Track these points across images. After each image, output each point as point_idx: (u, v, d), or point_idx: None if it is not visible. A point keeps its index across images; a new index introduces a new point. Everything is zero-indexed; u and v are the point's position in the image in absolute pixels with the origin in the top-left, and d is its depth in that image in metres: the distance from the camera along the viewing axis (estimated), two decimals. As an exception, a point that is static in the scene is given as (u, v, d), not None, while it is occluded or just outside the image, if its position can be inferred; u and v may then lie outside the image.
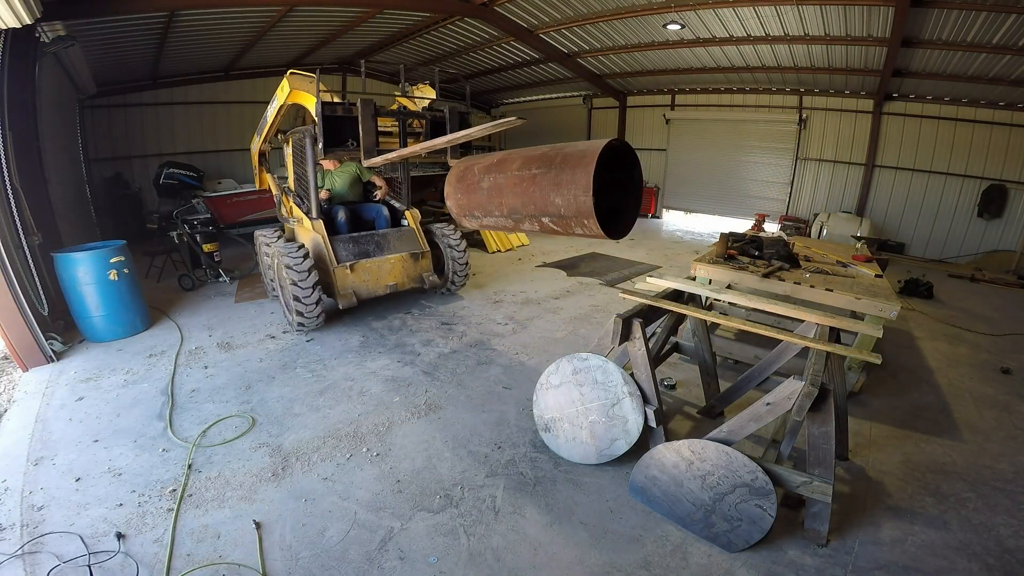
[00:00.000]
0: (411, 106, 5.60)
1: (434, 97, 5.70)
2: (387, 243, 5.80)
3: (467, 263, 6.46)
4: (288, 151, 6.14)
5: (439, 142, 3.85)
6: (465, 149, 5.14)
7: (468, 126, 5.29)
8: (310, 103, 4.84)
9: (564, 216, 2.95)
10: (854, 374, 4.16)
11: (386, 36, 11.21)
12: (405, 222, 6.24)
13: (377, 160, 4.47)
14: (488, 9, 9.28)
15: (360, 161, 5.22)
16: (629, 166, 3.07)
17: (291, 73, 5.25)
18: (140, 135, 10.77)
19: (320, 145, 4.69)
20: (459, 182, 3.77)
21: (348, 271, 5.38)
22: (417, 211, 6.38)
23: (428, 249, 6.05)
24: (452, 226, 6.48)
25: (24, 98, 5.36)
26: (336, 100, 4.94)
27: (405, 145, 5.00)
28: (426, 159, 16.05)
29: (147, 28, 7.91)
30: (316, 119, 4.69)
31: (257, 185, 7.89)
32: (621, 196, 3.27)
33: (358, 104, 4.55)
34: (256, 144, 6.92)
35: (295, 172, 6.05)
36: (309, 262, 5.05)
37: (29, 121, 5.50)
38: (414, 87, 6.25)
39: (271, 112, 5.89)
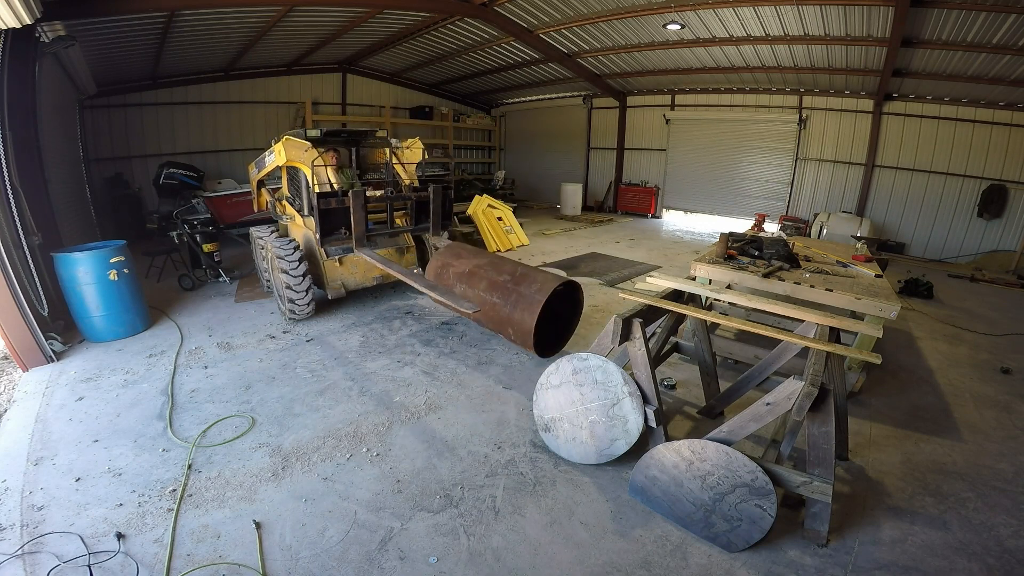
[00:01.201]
0: (400, 171, 6.16)
1: (422, 159, 6.36)
2: (378, 239, 5.99)
3: None
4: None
5: (404, 277, 4.84)
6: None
7: (451, 203, 6.29)
8: (306, 171, 5.41)
9: (513, 338, 4.17)
10: (854, 374, 4.16)
11: (386, 36, 11.22)
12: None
13: (364, 256, 5.26)
14: (488, 9, 9.28)
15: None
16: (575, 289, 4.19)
17: (287, 139, 5.56)
18: (140, 135, 10.76)
19: (317, 236, 5.36)
20: (436, 277, 4.66)
21: (337, 264, 5.67)
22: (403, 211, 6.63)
23: (412, 244, 6.27)
24: None
25: (24, 98, 5.35)
26: (331, 186, 5.50)
27: (392, 220, 6.00)
28: (431, 160, 16.05)
29: (147, 28, 7.91)
30: (310, 180, 5.34)
31: (255, 208, 8.13)
32: (569, 308, 4.49)
33: (350, 195, 5.17)
34: (255, 176, 7.23)
35: (288, 173, 6.21)
36: (299, 254, 5.34)
37: (29, 121, 5.50)
38: (404, 143, 6.40)
39: (268, 165, 6.27)
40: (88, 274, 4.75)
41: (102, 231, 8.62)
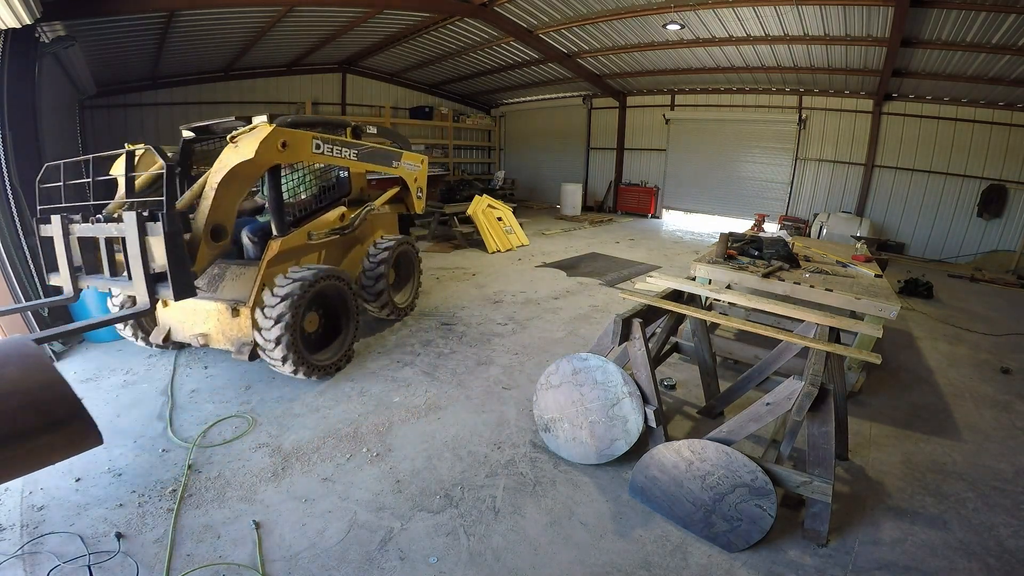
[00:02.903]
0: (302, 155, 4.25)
1: (305, 161, 4.46)
2: (221, 281, 4.12)
3: (380, 288, 5.11)
4: None
5: None
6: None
7: (180, 249, 3.17)
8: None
9: None
10: (854, 374, 4.15)
11: (386, 36, 11.22)
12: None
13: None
14: (488, 9, 9.29)
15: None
16: None
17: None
18: (140, 135, 10.75)
19: None
20: None
21: (161, 304, 4.26)
22: (292, 238, 4.31)
23: (252, 305, 3.88)
24: (388, 240, 5.35)
25: (24, 98, 5.35)
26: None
27: (111, 258, 3.47)
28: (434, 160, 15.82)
29: (147, 28, 7.92)
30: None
31: None
32: None
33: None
34: None
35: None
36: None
37: (29, 121, 5.50)
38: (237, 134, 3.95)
39: None
40: (88, 274, 4.74)
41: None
